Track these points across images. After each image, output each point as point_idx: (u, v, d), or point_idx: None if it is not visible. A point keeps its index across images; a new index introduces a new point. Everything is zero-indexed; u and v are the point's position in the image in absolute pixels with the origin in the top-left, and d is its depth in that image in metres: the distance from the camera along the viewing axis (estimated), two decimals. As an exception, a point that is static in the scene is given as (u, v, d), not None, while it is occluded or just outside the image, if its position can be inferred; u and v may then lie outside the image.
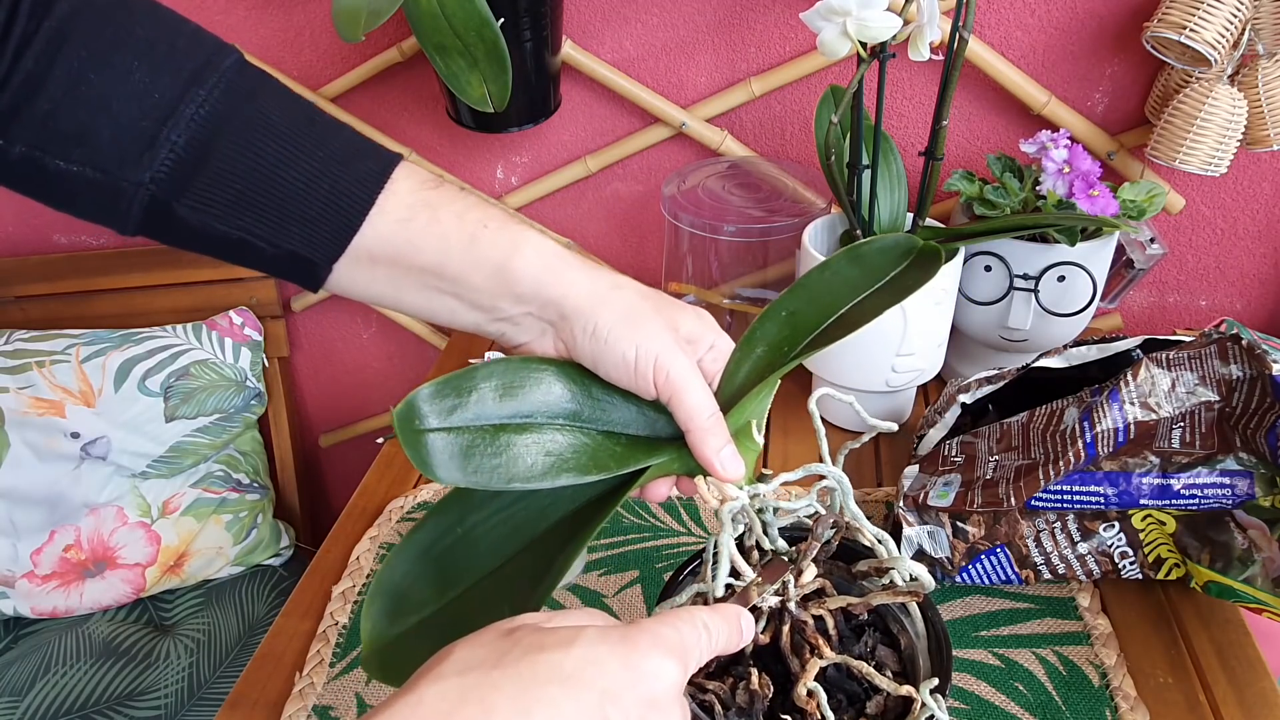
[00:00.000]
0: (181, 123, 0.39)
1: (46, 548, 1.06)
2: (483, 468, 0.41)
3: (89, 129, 0.38)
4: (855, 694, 0.46)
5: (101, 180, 0.39)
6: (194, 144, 0.39)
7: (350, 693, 0.64)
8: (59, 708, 0.96)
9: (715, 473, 0.44)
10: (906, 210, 0.82)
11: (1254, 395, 0.59)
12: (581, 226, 1.11)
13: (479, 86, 0.82)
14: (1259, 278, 0.99)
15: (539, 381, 0.45)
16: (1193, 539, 0.62)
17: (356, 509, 0.80)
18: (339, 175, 0.42)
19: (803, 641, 0.45)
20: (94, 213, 0.41)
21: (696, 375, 0.44)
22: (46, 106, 0.37)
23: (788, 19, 0.93)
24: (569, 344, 0.45)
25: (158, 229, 0.41)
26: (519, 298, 0.44)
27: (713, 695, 0.44)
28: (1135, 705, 0.60)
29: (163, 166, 0.39)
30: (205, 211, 0.40)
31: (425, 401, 0.41)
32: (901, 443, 0.86)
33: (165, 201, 0.40)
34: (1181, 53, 0.80)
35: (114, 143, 0.38)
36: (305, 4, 1.02)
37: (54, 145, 0.38)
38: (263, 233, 0.41)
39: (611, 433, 0.46)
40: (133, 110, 0.38)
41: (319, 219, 0.41)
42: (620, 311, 0.43)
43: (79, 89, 0.38)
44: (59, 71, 0.37)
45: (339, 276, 0.43)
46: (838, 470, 0.46)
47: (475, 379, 0.43)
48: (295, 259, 0.42)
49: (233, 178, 0.40)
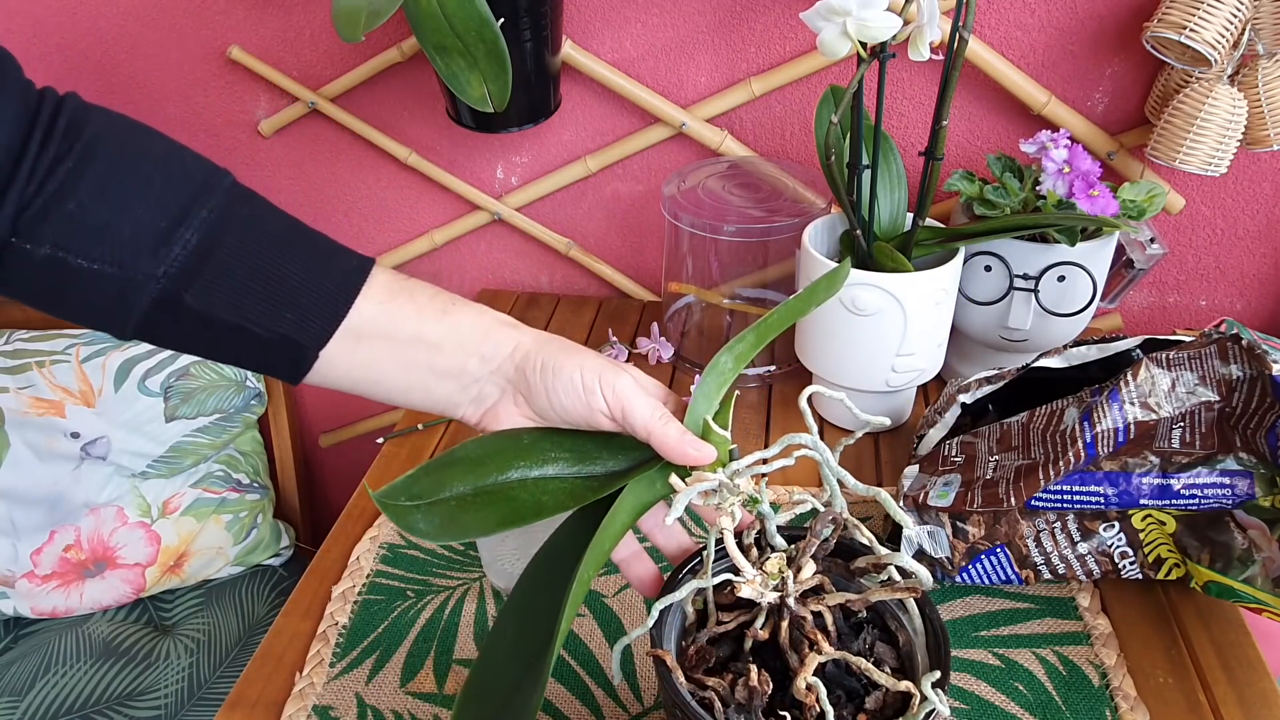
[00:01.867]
0: (195, 223, 0.44)
1: (46, 548, 1.06)
2: (469, 525, 0.46)
3: (112, 226, 0.43)
4: (854, 690, 0.46)
5: (117, 275, 0.43)
6: (204, 242, 0.45)
7: (350, 693, 0.64)
8: (59, 708, 0.96)
9: (684, 457, 0.47)
10: (906, 210, 0.82)
11: (1254, 395, 0.59)
12: (581, 226, 1.11)
13: (479, 86, 0.82)
14: (1259, 278, 0.99)
15: (512, 446, 0.50)
16: (1193, 539, 0.62)
17: (356, 509, 0.80)
18: (327, 268, 0.48)
19: (801, 637, 0.45)
20: (101, 311, 0.45)
21: (639, 387, 0.49)
22: (74, 208, 0.42)
23: (788, 19, 0.94)
24: (526, 392, 0.50)
25: (161, 322, 0.45)
26: (484, 357, 0.50)
27: (712, 692, 0.45)
28: (1135, 705, 0.60)
29: (176, 260, 0.44)
30: (210, 299, 0.45)
31: (402, 491, 0.47)
32: (901, 443, 0.86)
33: (176, 292, 0.44)
34: (1181, 53, 0.80)
35: (134, 239, 0.43)
36: (305, 4, 1.02)
37: (78, 242, 0.43)
38: (259, 319, 0.46)
39: (586, 476, 0.49)
40: (152, 211, 0.44)
41: (311, 305, 0.47)
42: (559, 345, 0.50)
43: (105, 193, 0.43)
44: (88, 180, 0.43)
45: (323, 364, 0.48)
46: (813, 438, 0.46)
47: (449, 466, 0.49)
48: (286, 343, 0.47)
49: (235, 271, 0.45)
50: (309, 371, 0.49)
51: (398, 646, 0.67)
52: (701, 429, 0.49)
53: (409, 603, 0.70)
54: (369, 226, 1.16)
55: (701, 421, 0.49)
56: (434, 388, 0.51)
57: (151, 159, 0.45)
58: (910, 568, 0.45)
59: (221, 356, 0.48)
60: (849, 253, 0.82)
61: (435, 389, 0.51)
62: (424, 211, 1.14)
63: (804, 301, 0.53)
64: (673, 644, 0.48)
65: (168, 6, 1.04)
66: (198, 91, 1.09)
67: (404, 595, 0.71)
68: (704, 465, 0.47)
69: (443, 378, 0.50)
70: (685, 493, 0.45)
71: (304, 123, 1.10)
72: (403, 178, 1.12)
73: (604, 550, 0.46)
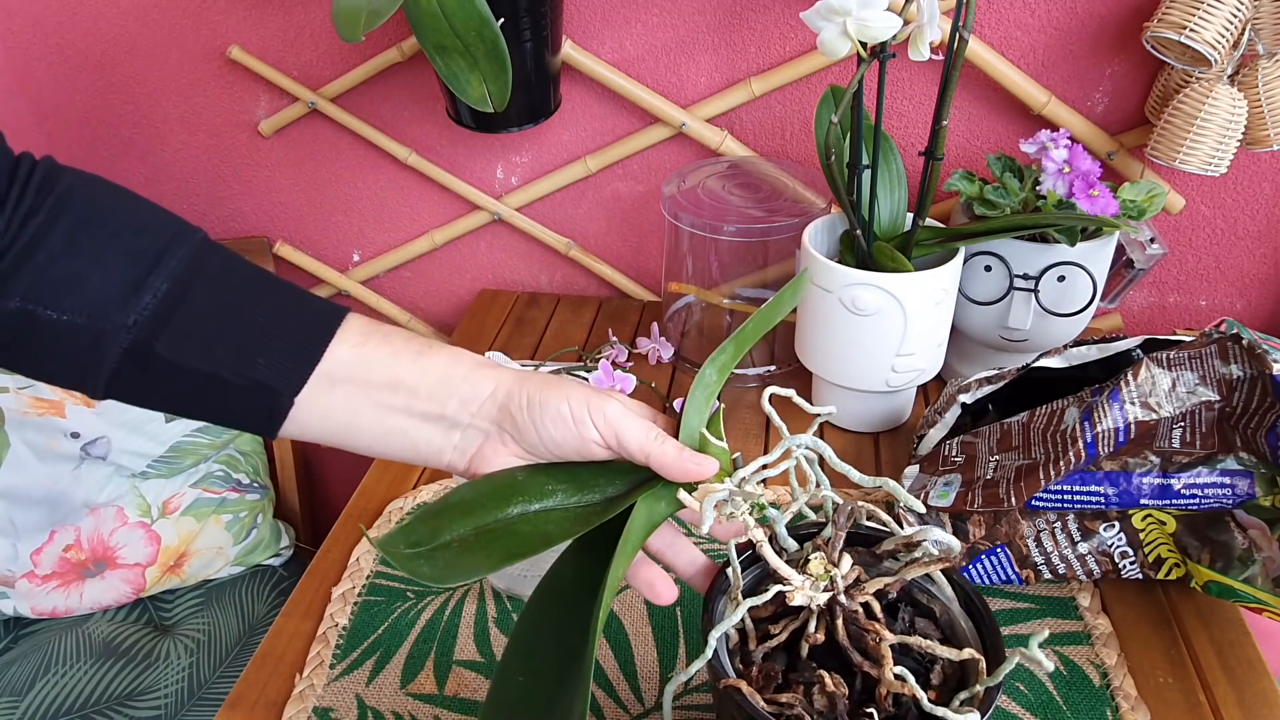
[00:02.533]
0: (165, 271, 0.44)
1: (46, 548, 1.06)
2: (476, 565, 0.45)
3: (81, 276, 0.42)
4: (914, 669, 0.46)
5: (85, 326, 0.43)
6: (173, 290, 0.44)
7: (350, 694, 0.64)
8: (59, 708, 0.96)
9: (685, 473, 0.46)
10: (906, 210, 0.82)
11: (1254, 395, 0.59)
12: (581, 226, 1.11)
13: (479, 86, 0.82)
14: (1259, 278, 0.99)
15: (507, 484, 0.49)
16: (1193, 539, 0.62)
17: (356, 509, 0.80)
18: (299, 314, 0.47)
19: (859, 631, 0.45)
20: (73, 365, 0.44)
21: (629, 411, 0.48)
22: (43, 259, 0.42)
23: (788, 19, 0.93)
24: (514, 431, 0.48)
25: (132, 375, 0.44)
26: (463, 399, 0.49)
27: (796, 708, 0.44)
28: (1136, 705, 0.60)
29: (147, 309, 0.43)
30: (181, 348, 0.44)
31: (400, 539, 0.46)
32: (901, 443, 0.86)
33: (147, 342, 0.44)
34: (1181, 53, 0.80)
35: (103, 289, 0.43)
36: (305, 4, 1.02)
37: (47, 294, 0.42)
38: (232, 366, 0.45)
39: (587, 504, 0.49)
40: (122, 261, 0.43)
41: (284, 350, 0.46)
42: (541, 380, 0.49)
43: (74, 244, 0.42)
44: (57, 231, 0.43)
45: (299, 411, 0.47)
46: (809, 437, 0.47)
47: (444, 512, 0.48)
48: (261, 389, 0.46)
49: (206, 318, 0.45)
50: (285, 420, 0.47)
51: (398, 648, 0.67)
52: (699, 442, 0.49)
53: (409, 604, 0.70)
54: (369, 226, 1.16)
55: (697, 435, 0.49)
56: (414, 433, 0.49)
57: (122, 212, 0.45)
58: (944, 540, 0.45)
59: (197, 411, 0.47)
60: (849, 253, 0.82)
61: (415, 434, 0.49)
62: (424, 211, 1.14)
63: (773, 309, 0.53)
64: (729, 668, 0.47)
65: (168, 6, 1.04)
66: (198, 91, 1.09)
67: (404, 596, 0.71)
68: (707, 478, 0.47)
69: (422, 422, 0.49)
70: (706, 502, 0.44)
71: (304, 123, 1.10)
72: (403, 178, 1.12)
73: (619, 576, 0.45)
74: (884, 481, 0.46)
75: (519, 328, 1.07)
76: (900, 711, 0.45)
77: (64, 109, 1.12)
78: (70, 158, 1.15)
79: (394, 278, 1.20)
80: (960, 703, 0.43)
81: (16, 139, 1.12)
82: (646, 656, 0.66)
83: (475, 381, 0.49)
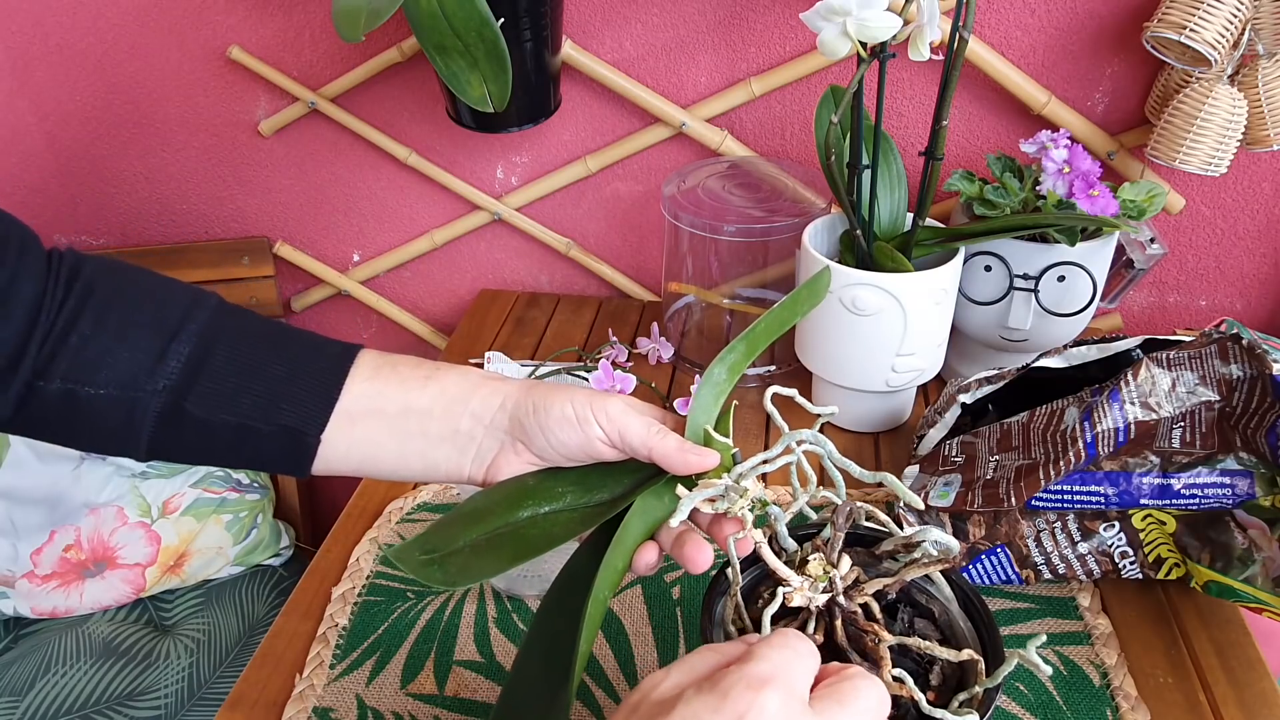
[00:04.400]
0: (185, 337, 0.48)
1: (46, 548, 1.06)
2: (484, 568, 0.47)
3: (111, 352, 0.47)
4: (913, 670, 0.46)
5: (121, 397, 0.47)
6: (195, 352, 0.48)
7: (351, 694, 0.64)
8: (59, 708, 0.96)
9: (685, 465, 0.47)
10: (906, 210, 0.82)
11: (1254, 395, 0.59)
12: (581, 226, 1.11)
13: (479, 86, 0.82)
14: (1259, 278, 0.99)
15: (518, 491, 0.50)
16: (1193, 539, 0.62)
17: (356, 509, 0.80)
18: (314, 359, 0.51)
19: (858, 632, 0.45)
20: (115, 435, 0.48)
21: (631, 408, 0.49)
22: (76, 341, 0.47)
23: (788, 19, 0.93)
24: (524, 438, 0.50)
25: (168, 435, 0.48)
26: (474, 414, 0.51)
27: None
28: (1136, 705, 0.60)
29: (173, 373, 0.47)
30: (209, 403, 0.48)
31: (416, 548, 0.48)
32: (901, 443, 0.86)
33: (176, 403, 0.48)
34: (1181, 53, 0.80)
35: (132, 360, 0.47)
36: (305, 4, 1.02)
37: (84, 373, 0.46)
38: (258, 415, 0.49)
39: (594, 504, 0.50)
40: (146, 334, 0.48)
41: (305, 395, 0.49)
42: (546, 387, 0.51)
43: (102, 323, 0.47)
44: (87, 314, 0.47)
45: (325, 448, 0.50)
46: (811, 432, 0.47)
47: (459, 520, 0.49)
48: (288, 433, 0.49)
49: (229, 373, 0.48)
50: (314, 459, 0.50)
51: (398, 648, 0.67)
52: (702, 439, 0.49)
53: (409, 604, 0.70)
54: (369, 226, 1.16)
55: (702, 432, 0.49)
56: (432, 454, 0.51)
57: (141, 289, 0.49)
58: (943, 540, 0.45)
59: (233, 461, 0.51)
60: (849, 253, 0.82)
61: (434, 455, 0.51)
62: (424, 211, 1.14)
63: (788, 310, 0.53)
64: None
65: (168, 6, 1.04)
66: (198, 91, 1.09)
67: (404, 596, 0.71)
68: (708, 471, 0.47)
69: (438, 443, 0.51)
70: (690, 497, 0.45)
71: (304, 123, 1.10)
72: (403, 178, 1.12)
73: (618, 569, 0.45)
74: (883, 476, 0.46)
75: (519, 328, 1.07)
76: (899, 713, 0.44)
77: (64, 109, 1.12)
78: (70, 158, 1.15)
79: (394, 278, 1.20)
80: (960, 704, 0.43)
81: (16, 139, 1.12)
82: (646, 656, 0.66)
83: (484, 397, 0.51)
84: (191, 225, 1.20)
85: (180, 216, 1.19)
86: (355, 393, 0.50)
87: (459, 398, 0.51)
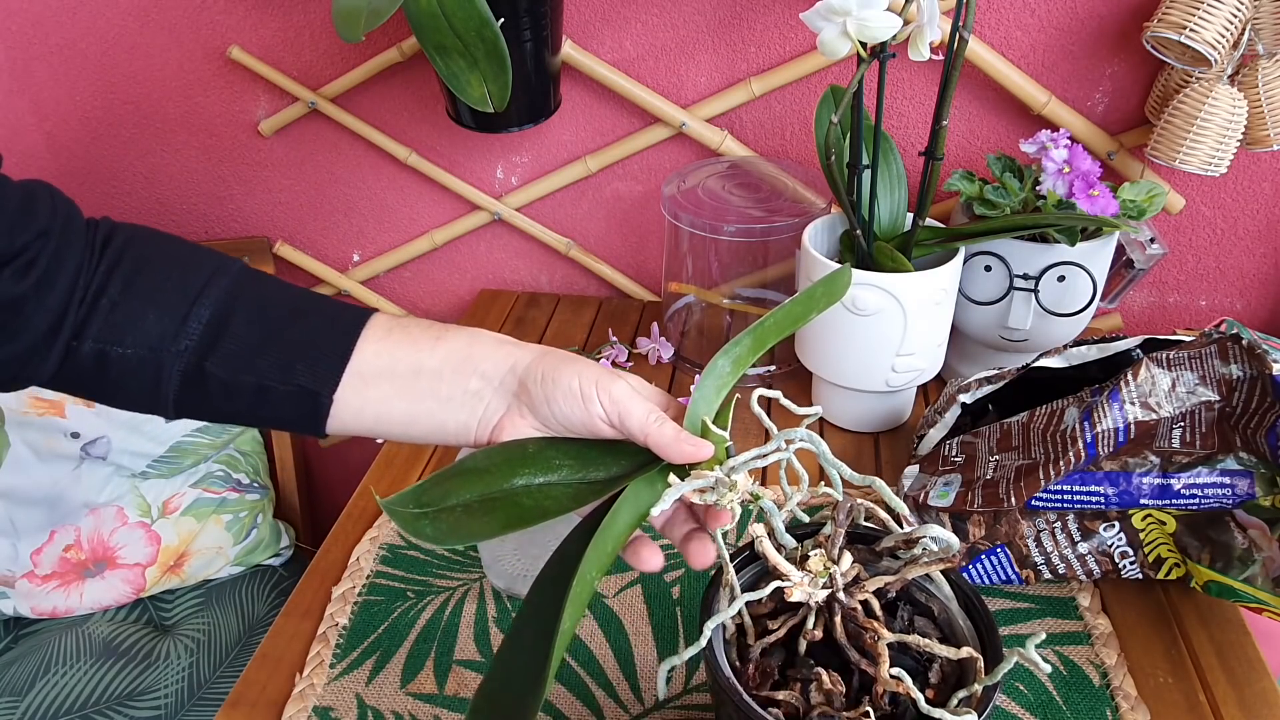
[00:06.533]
0: (206, 301, 0.50)
1: (46, 548, 1.06)
2: (475, 530, 0.47)
3: (139, 315, 0.50)
4: (911, 669, 0.46)
5: (148, 357, 0.49)
6: (216, 316, 0.50)
7: (351, 694, 0.64)
8: (59, 708, 0.96)
9: (680, 454, 0.47)
10: (906, 210, 0.82)
11: (1254, 395, 0.59)
12: (581, 226, 1.11)
13: (479, 86, 0.82)
14: (1259, 278, 0.99)
15: (518, 455, 0.50)
16: (1193, 539, 0.62)
17: (356, 509, 0.80)
18: (329, 322, 0.52)
19: (858, 629, 0.45)
20: (143, 394, 0.51)
21: (635, 392, 0.50)
22: (106, 304, 0.49)
23: (788, 19, 0.94)
24: (529, 404, 0.51)
25: (193, 394, 0.51)
26: (484, 375, 0.52)
27: (790, 704, 0.44)
28: (1136, 705, 0.60)
29: (194, 335, 0.50)
30: (230, 364, 0.50)
31: (410, 499, 0.48)
32: (901, 443, 0.86)
33: (198, 364, 0.50)
34: (1181, 53, 0.80)
35: (157, 323, 0.50)
36: (305, 4, 1.02)
37: (114, 334, 0.49)
38: (276, 375, 0.50)
39: (589, 481, 0.50)
40: (171, 297, 0.50)
41: (319, 356, 0.51)
42: (558, 357, 0.52)
43: (131, 287, 0.50)
44: (117, 279, 0.50)
45: (339, 408, 0.51)
46: (804, 431, 0.47)
47: (456, 476, 0.49)
48: (303, 393, 0.51)
49: (248, 336, 0.51)
50: (328, 418, 0.52)
51: (398, 647, 0.67)
52: (700, 430, 0.49)
53: (409, 603, 0.70)
54: (369, 226, 1.16)
55: (700, 423, 0.49)
56: (441, 414, 0.52)
57: (168, 255, 0.52)
58: (943, 538, 0.45)
59: (253, 420, 0.53)
60: (849, 253, 0.82)
61: (443, 415, 0.52)
62: (424, 211, 1.14)
63: (802, 307, 0.53)
64: (724, 662, 0.47)
65: (168, 6, 1.04)
66: (198, 91, 1.09)
67: (404, 596, 0.71)
68: (701, 462, 0.47)
69: (447, 404, 0.52)
70: (677, 487, 0.45)
71: (304, 123, 1.10)
72: (403, 178, 1.12)
73: (607, 551, 0.45)
74: (872, 480, 0.46)
75: (519, 328, 1.07)
76: (898, 710, 0.45)
77: (64, 109, 1.12)
78: (70, 157, 1.15)
79: (394, 278, 1.20)
80: (959, 702, 0.43)
81: (16, 139, 1.12)
82: (646, 656, 0.66)
83: (495, 359, 0.52)
84: (191, 225, 1.20)
85: (180, 216, 1.19)
86: (367, 353, 0.52)
87: (470, 358, 0.52)
